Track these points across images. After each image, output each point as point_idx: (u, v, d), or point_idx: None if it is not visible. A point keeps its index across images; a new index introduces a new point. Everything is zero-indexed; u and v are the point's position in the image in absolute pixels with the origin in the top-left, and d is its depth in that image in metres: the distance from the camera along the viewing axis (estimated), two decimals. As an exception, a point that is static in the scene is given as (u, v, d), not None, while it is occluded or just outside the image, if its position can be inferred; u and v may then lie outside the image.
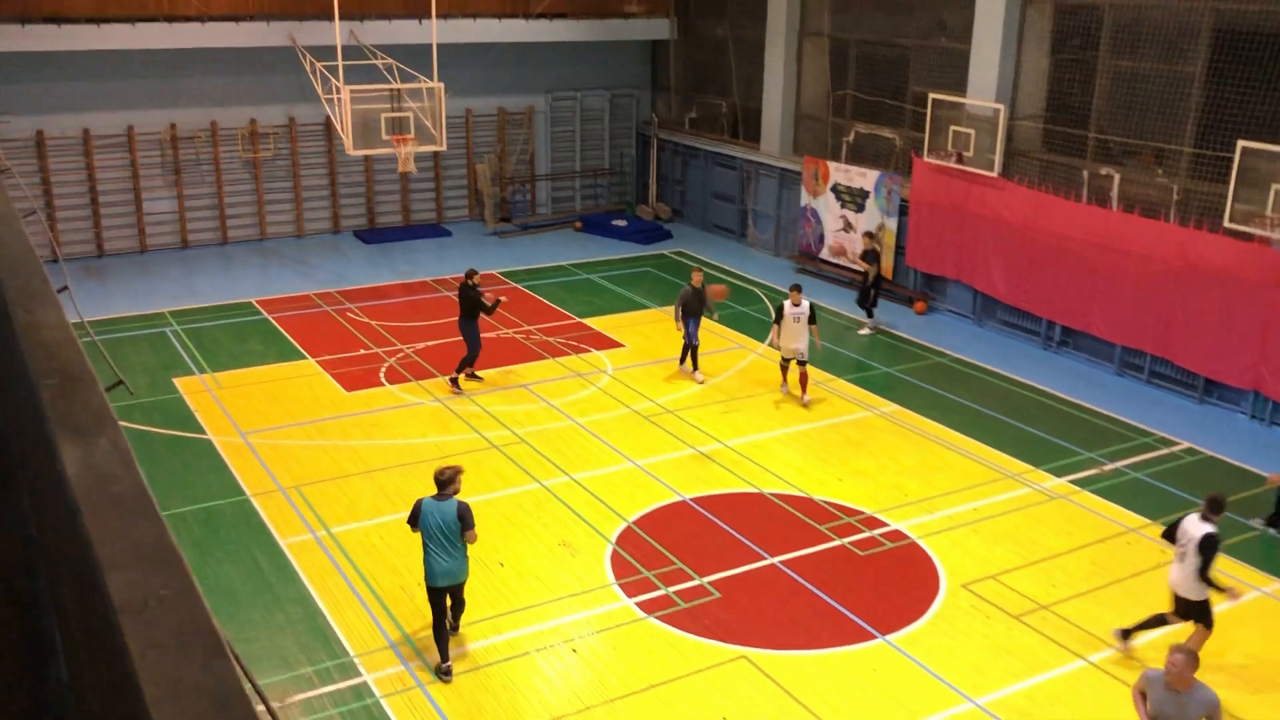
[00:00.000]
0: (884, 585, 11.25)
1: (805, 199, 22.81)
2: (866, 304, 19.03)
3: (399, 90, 19.76)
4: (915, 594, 11.07)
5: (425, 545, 9.42)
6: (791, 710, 9.26)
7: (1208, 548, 9.28)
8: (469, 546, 9.55)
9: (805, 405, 15.43)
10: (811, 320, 15.44)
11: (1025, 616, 10.68)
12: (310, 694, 9.36)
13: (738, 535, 12.13)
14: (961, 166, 19.08)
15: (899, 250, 20.84)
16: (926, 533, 12.26)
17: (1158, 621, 9.91)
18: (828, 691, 9.51)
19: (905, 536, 12.20)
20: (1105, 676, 9.79)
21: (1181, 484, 13.54)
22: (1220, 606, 9.85)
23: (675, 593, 10.97)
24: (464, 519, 9.33)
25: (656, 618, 10.55)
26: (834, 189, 22.03)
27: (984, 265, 19.29)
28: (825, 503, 12.95)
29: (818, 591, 11.06)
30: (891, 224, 20.89)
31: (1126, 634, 10.08)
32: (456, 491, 9.44)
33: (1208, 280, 15.73)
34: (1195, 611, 9.58)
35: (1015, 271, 18.71)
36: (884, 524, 12.46)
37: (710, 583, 11.16)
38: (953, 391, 16.52)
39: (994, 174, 18.65)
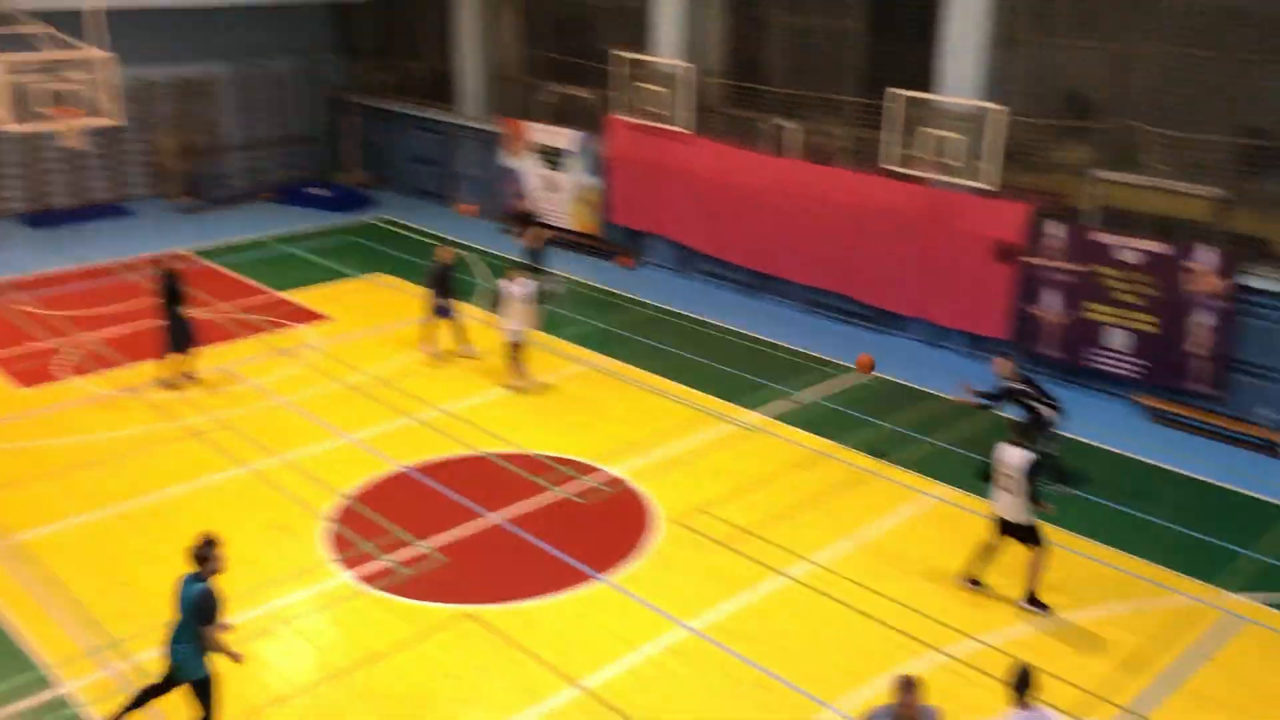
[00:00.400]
0: (602, 529, 11.66)
1: (507, 161, 22.89)
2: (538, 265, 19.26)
3: (61, 60, 18.13)
4: (631, 534, 11.55)
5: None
6: (517, 660, 9.48)
7: (1034, 472, 9.94)
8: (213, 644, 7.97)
9: (523, 386, 15.31)
10: (532, 300, 15.35)
11: (731, 542, 11.39)
12: (0, 713, 8.68)
13: (459, 498, 12.19)
14: (655, 124, 19.73)
15: (603, 208, 21.34)
16: (640, 475, 12.78)
17: (988, 551, 10.40)
18: (552, 637, 9.79)
19: (621, 481, 12.66)
20: (804, 589, 10.61)
21: (866, 409, 14.77)
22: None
23: (397, 561, 10.92)
24: (200, 612, 7.83)
25: (379, 588, 10.47)
26: (534, 150, 22.22)
27: (682, 219, 20.10)
28: (543, 457, 13.21)
29: (539, 543, 11.32)
30: (593, 182, 21.34)
31: (975, 582, 10.50)
32: (214, 570, 7.96)
33: (878, 220, 17.12)
34: (1025, 535, 10.17)
35: (711, 223, 19.61)
36: (600, 471, 12.88)
37: (434, 548, 11.18)
38: (660, 340, 17.19)
39: (685, 130, 19.41)
